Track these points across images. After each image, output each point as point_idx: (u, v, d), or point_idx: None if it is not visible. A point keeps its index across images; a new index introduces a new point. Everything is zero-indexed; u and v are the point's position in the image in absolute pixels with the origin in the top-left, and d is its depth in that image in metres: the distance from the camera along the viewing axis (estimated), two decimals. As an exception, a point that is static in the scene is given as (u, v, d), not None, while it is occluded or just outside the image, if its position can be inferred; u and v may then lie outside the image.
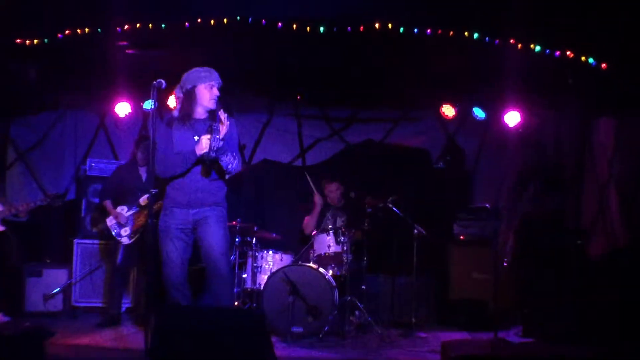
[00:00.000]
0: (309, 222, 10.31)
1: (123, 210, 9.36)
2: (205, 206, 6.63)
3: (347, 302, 8.94)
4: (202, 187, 6.63)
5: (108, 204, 9.46)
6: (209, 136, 6.46)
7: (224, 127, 6.50)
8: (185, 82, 6.76)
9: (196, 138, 6.58)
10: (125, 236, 9.30)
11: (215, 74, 6.77)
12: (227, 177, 6.80)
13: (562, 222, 9.61)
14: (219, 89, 6.76)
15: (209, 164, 6.57)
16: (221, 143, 6.48)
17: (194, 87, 6.70)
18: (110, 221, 9.38)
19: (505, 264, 7.83)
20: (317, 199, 10.20)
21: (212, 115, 6.72)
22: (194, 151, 6.50)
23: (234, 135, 6.84)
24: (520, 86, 10.41)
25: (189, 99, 6.74)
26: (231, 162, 6.62)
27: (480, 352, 5.99)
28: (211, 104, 6.71)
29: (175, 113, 6.81)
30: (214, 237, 6.61)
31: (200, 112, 6.75)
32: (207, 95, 6.70)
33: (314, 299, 8.70)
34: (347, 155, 12.17)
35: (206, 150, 6.45)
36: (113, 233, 9.32)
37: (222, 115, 6.53)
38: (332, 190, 10.37)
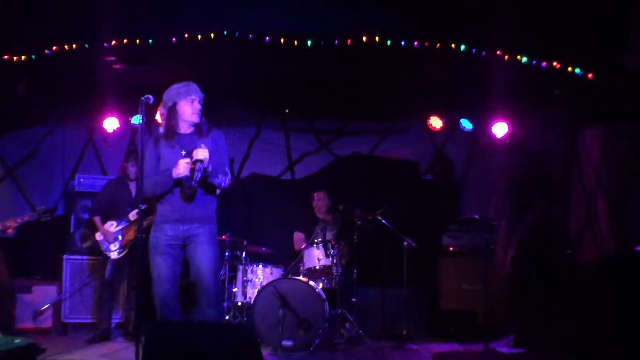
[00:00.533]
0: (300, 238, 10.38)
1: (112, 226, 9.34)
2: (195, 222, 6.59)
3: (338, 315, 8.95)
4: (193, 202, 6.61)
5: (97, 220, 9.44)
6: (187, 160, 6.43)
7: (205, 153, 6.45)
8: (166, 99, 6.75)
9: (183, 153, 6.57)
10: (115, 251, 9.28)
11: (194, 87, 6.74)
12: (217, 192, 6.80)
13: (551, 232, 9.63)
14: (201, 102, 6.75)
15: (189, 191, 6.55)
16: (209, 168, 6.45)
17: (174, 103, 6.68)
18: (99, 236, 9.36)
19: (504, 275, 7.85)
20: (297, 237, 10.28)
21: (198, 129, 6.72)
22: (171, 175, 6.48)
23: (225, 149, 6.83)
24: (508, 97, 10.45)
25: (171, 116, 6.72)
26: (223, 181, 6.63)
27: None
28: (194, 118, 6.70)
29: (161, 130, 6.80)
30: (204, 256, 6.58)
31: (184, 127, 6.74)
32: (188, 109, 6.68)
33: (305, 312, 8.69)
34: (335, 168, 12.20)
35: (185, 174, 6.44)
36: (102, 248, 9.31)
37: (203, 149, 6.47)
38: (319, 199, 10.39)
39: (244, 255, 9.69)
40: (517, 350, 6.46)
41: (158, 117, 9.95)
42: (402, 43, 8.92)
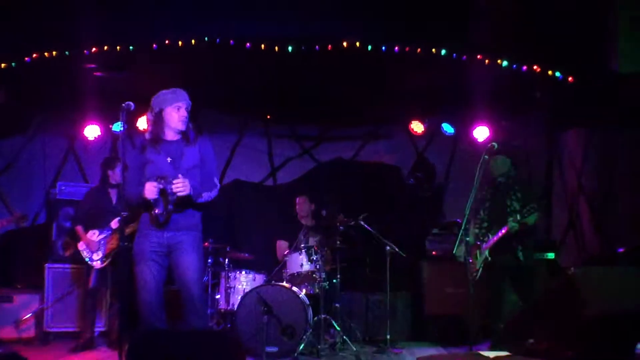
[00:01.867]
0: (282, 246, 10.38)
1: (94, 235, 9.29)
2: (180, 230, 6.57)
3: (322, 321, 8.92)
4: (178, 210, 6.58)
5: (80, 229, 9.38)
6: (154, 184, 6.40)
7: (182, 187, 6.42)
8: (153, 105, 6.70)
9: (169, 159, 6.54)
10: (98, 260, 9.23)
11: (181, 95, 6.70)
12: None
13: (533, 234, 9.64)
14: (187, 110, 6.72)
15: (162, 218, 6.53)
16: (191, 192, 6.43)
17: (161, 110, 6.65)
18: (81, 246, 9.31)
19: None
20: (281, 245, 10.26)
21: (185, 136, 6.69)
22: (142, 194, 6.46)
23: (213, 160, 6.81)
24: (489, 101, 10.49)
25: (157, 122, 6.68)
26: (208, 197, 6.63)
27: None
28: (180, 125, 6.67)
29: (147, 136, 6.77)
30: (189, 264, 6.54)
31: (171, 134, 6.70)
32: (175, 117, 6.65)
33: (288, 318, 8.67)
34: (318, 174, 12.21)
35: (152, 197, 6.41)
36: (85, 257, 9.26)
37: (181, 182, 6.44)
38: (300, 203, 10.38)
39: (227, 261, 9.66)
40: (500, 353, 6.45)
41: (140, 124, 9.99)
42: (383, 48, 8.94)
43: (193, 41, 8.72)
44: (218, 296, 9.64)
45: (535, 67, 9.35)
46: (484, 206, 8.34)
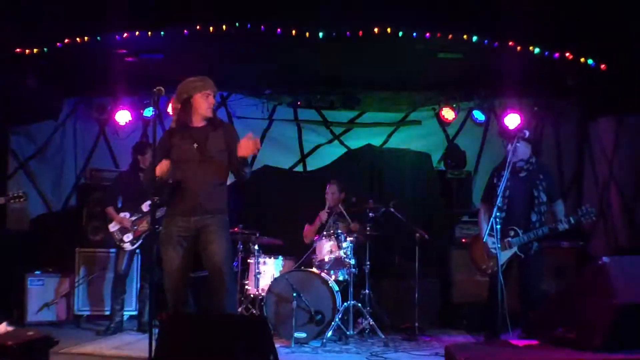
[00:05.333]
0: (308, 231, 10.32)
1: (125, 217, 9.35)
2: (207, 214, 6.59)
3: (350, 307, 8.93)
4: (204, 193, 6.60)
5: (111, 210, 9.43)
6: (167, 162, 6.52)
7: (246, 151, 6.53)
8: (181, 92, 6.73)
9: (195, 145, 6.58)
10: (128, 242, 9.29)
11: (210, 82, 6.74)
12: (227, 178, 6.81)
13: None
14: (215, 97, 6.76)
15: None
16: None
17: (189, 96, 6.68)
18: (113, 227, 9.36)
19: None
20: (323, 215, 10.18)
21: (211, 122, 6.72)
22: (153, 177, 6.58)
23: (237, 139, 6.84)
24: (520, 88, 10.42)
25: (185, 109, 6.71)
26: (248, 174, 6.69)
27: (484, 354, 5.97)
28: (208, 112, 6.70)
29: (174, 123, 6.80)
30: (216, 246, 6.57)
31: (197, 121, 6.73)
32: (203, 104, 6.68)
33: (317, 304, 8.69)
34: (347, 160, 12.17)
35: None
36: (116, 240, 9.31)
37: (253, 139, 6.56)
38: (330, 190, 10.35)
39: (256, 247, 9.67)
40: (530, 341, 6.42)
41: (170, 110, 10.01)
42: (414, 34, 8.90)
43: (224, 27, 8.71)
44: (247, 282, 9.65)
45: (567, 54, 9.27)
46: (504, 194, 8.12)
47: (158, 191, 6.59)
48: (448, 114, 11.34)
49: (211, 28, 8.73)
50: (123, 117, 11.28)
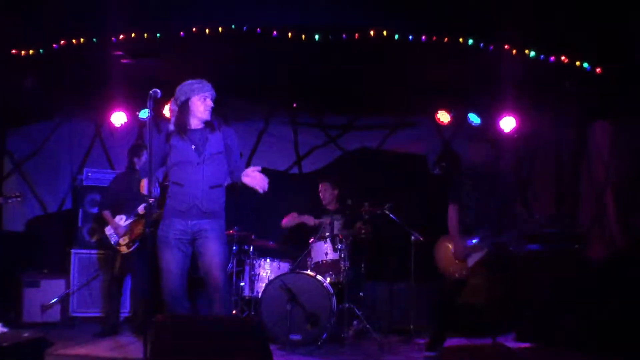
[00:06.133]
0: (290, 217, 10.40)
1: (121, 220, 9.36)
2: (204, 217, 6.62)
3: (346, 309, 8.94)
4: (202, 196, 6.62)
5: (107, 214, 9.45)
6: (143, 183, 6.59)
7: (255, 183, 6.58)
8: (178, 94, 6.76)
9: (193, 147, 6.61)
10: (124, 245, 9.29)
11: (207, 85, 6.77)
12: (225, 182, 6.83)
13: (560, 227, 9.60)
14: (213, 100, 6.77)
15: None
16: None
17: (187, 99, 6.71)
18: (108, 230, 9.38)
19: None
20: (309, 220, 10.18)
21: (208, 125, 6.74)
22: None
23: (237, 148, 6.87)
24: (516, 91, 10.43)
25: (183, 111, 6.74)
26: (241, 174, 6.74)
27: (480, 358, 5.99)
28: (205, 115, 6.73)
29: (171, 126, 6.82)
30: (213, 252, 6.60)
31: (195, 124, 6.76)
32: (201, 106, 6.71)
33: (312, 306, 8.70)
34: (343, 163, 12.20)
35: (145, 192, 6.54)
36: (112, 242, 9.32)
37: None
38: (323, 189, 10.37)
39: (251, 249, 9.68)
40: (524, 344, 6.44)
41: (167, 111, 10.02)
42: (410, 37, 8.91)
43: (220, 29, 8.72)
44: (242, 284, 9.67)
45: (563, 57, 9.28)
46: (471, 199, 8.14)
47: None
48: (443, 116, 11.34)
49: (207, 30, 8.74)
50: (118, 118, 11.29)
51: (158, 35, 8.87)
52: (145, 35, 8.87)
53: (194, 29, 8.74)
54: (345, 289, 9.02)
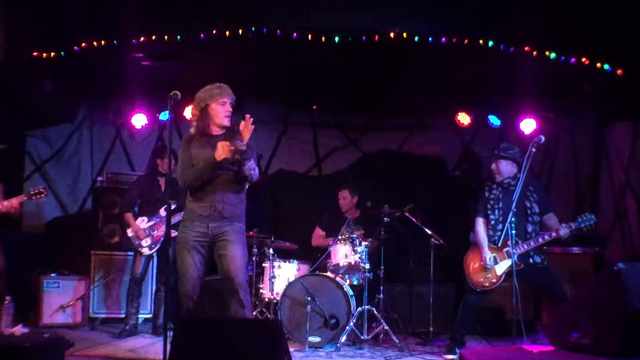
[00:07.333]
0: (317, 235, 10.44)
1: (143, 222, 9.37)
2: (224, 220, 6.62)
3: (365, 312, 8.93)
4: (223, 199, 6.62)
5: (129, 216, 9.45)
6: (227, 142, 6.44)
7: (247, 133, 6.50)
8: (198, 100, 6.76)
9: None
10: (146, 247, 9.30)
11: (226, 90, 6.75)
12: (246, 185, 6.81)
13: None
14: (232, 104, 6.76)
15: (234, 166, 6.56)
16: (244, 147, 6.45)
17: (206, 105, 6.71)
18: (130, 232, 9.38)
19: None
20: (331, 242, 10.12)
21: (229, 131, 6.73)
22: (213, 157, 6.48)
23: (252, 148, 6.85)
24: (536, 93, 10.40)
25: (203, 117, 6.75)
26: (254, 168, 6.63)
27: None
28: (225, 121, 6.72)
29: (193, 131, 6.83)
30: (233, 254, 6.59)
31: (216, 129, 6.76)
32: (220, 112, 6.70)
33: (332, 308, 8.70)
34: (363, 165, 12.20)
35: (225, 156, 6.43)
36: (134, 244, 9.33)
37: (246, 121, 6.52)
38: (342, 197, 10.36)
39: (271, 251, 9.67)
40: (545, 347, 6.41)
41: (187, 113, 10.06)
42: (430, 39, 8.89)
43: (240, 31, 8.73)
44: (262, 285, 9.66)
45: (583, 59, 9.24)
46: (497, 206, 8.13)
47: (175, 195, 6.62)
48: (463, 118, 11.32)
49: (227, 32, 8.75)
50: (139, 120, 11.33)
51: (178, 37, 8.89)
52: (166, 37, 8.89)
53: (214, 31, 8.75)
54: (365, 291, 9.00)
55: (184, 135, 6.97)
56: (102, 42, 9.02)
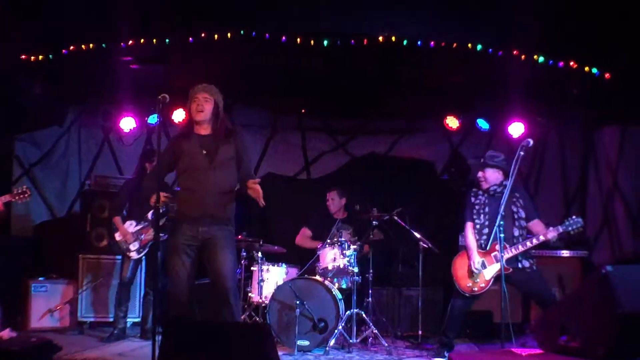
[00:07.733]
0: (302, 236, 10.45)
1: (131, 226, 9.34)
2: (214, 223, 6.62)
3: (353, 315, 8.93)
4: (212, 201, 6.62)
5: (117, 220, 9.42)
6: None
7: (259, 195, 6.68)
8: (187, 99, 6.82)
9: (204, 152, 6.61)
10: (134, 251, 9.28)
11: (198, 87, 6.78)
12: (236, 188, 6.83)
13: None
14: (207, 101, 6.73)
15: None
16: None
17: (189, 106, 6.77)
18: (119, 236, 9.36)
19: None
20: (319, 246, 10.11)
21: (219, 131, 6.73)
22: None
23: (246, 150, 6.88)
24: (524, 97, 10.42)
25: (189, 117, 6.83)
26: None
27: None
28: (197, 116, 6.71)
29: (182, 130, 6.86)
30: (223, 259, 6.60)
31: (201, 128, 6.77)
32: (193, 108, 6.74)
33: (320, 312, 8.69)
34: (351, 168, 12.20)
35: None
36: (122, 248, 9.31)
37: (253, 187, 6.68)
38: (330, 198, 10.37)
39: (259, 255, 9.67)
40: (534, 351, 6.42)
41: (175, 116, 10.06)
42: (419, 43, 8.90)
43: (229, 34, 8.73)
44: (250, 289, 9.65)
45: (571, 63, 9.27)
46: (483, 211, 8.13)
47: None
48: (452, 122, 11.33)
49: (216, 36, 8.75)
50: (127, 124, 11.29)
51: (167, 40, 8.88)
52: (154, 40, 8.89)
53: (202, 35, 8.75)
54: (354, 294, 9.00)
55: (171, 138, 6.98)
56: (91, 45, 9.02)
